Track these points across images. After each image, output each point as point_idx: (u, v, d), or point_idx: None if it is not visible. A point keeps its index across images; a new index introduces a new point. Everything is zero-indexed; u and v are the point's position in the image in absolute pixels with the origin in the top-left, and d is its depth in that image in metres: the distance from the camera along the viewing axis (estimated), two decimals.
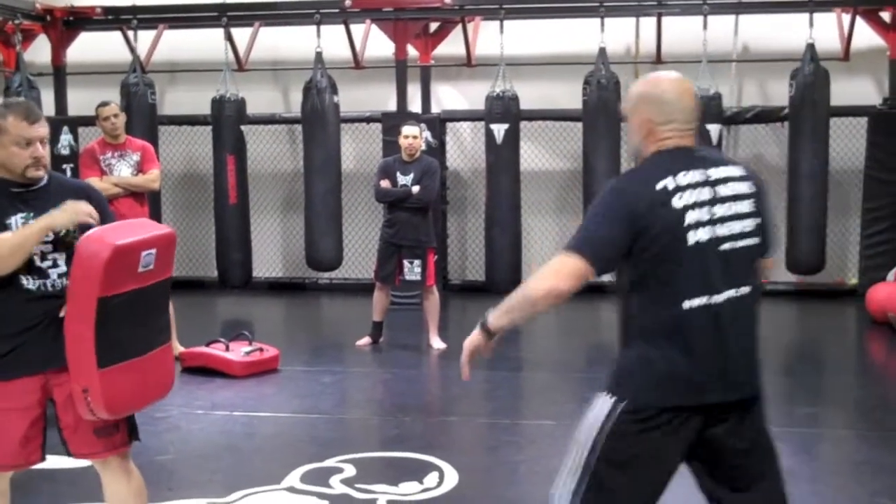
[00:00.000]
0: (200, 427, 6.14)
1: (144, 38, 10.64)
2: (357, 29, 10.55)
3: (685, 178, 2.98)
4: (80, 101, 10.65)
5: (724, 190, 3.02)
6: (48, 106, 10.58)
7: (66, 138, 10.33)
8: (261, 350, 7.46)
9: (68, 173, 9.17)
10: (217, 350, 7.37)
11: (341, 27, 10.37)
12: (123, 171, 7.36)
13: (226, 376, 7.20)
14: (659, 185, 2.96)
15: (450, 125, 10.97)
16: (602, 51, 9.61)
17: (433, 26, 10.77)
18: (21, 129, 3.47)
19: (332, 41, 10.22)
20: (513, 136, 9.94)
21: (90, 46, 11.09)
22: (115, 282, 3.31)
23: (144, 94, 10.19)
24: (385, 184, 7.97)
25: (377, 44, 10.47)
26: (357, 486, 4.95)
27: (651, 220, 2.93)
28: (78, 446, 3.57)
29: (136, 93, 10.13)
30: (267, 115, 11.02)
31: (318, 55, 10.00)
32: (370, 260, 8.87)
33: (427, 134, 9.53)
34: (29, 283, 3.46)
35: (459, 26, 10.53)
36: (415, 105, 10.65)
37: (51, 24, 10.85)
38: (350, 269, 10.89)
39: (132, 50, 10.47)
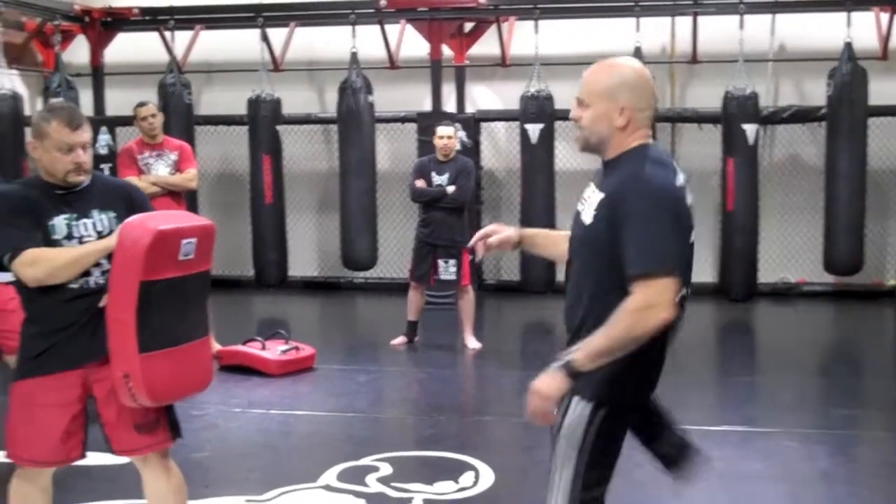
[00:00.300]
0: (237, 425, 6.18)
1: (181, 38, 10.73)
2: (392, 29, 10.57)
3: (679, 176, 2.94)
4: (118, 101, 10.76)
5: (688, 193, 3.00)
6: (86, 106, 10.69)
7: (104, 138, 10.42)
8: (297, 349, 7.49)
9: (106, 173, 9.25)
10: (254, 349, 7.42)
11: (376, 27, 10.40)
12: (161, 170, 7.42)
13: (262, 375, 7.24)
14: (678, 182, 2.91)
15: (484, 125, 10.97)
16: (637, 50, 9.57)
17: (468, 26, 10.78)
18: (63, 135, 3.50)
19: (367, 41, 10.25)
20: (547, 136, 9.93)
21: (128, 47, 11.20)
22: (157, 267, 3.35)
23: (181, 94, 10.27)
24: (420, 183, 7.99)
25: (412, 44, 10.49)
26: (393, 484, 4.96)
27: (688, 220, 2.93)
28: (120, 443, 3.60)
29: (173, 93, 10.21)
30: (302, 115, 11.06)
31: (354, 55, 10.04)
32: (405, 259, 8.88)
33: (462, 134, 9.53)
34: (72, 282, 3.49)
35: (494, 26, 10.53)
36: (450, 105, 10.66)
37: (89, 25, 10.96)
38: (385, 268, 10.91)
39: (169, 50, 10.55)
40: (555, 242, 3.35)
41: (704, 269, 10.63)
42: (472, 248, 3.23)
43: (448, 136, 7.98)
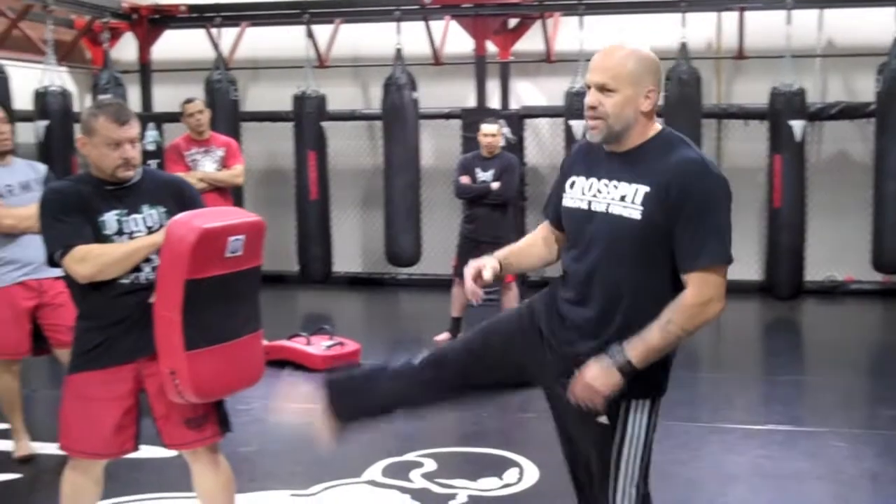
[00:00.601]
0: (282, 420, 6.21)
1: (228, 35, 10.81)
2: (436, 25, 10.59)
3: None
4: (166, 97, 10.87)
5: None
6: (134, 103, 10.82)
7: (151, 134, 10.53)
8: (341, 344, 7.53)
9: (155, 168, 9.34)
10: (298, 344, 7.47)
11: (421, 23, 10.42)
12: (208, 166, 7.47)
13: (307, 369, 7.29)
14: None
15: (528, 121, 10.95)
16: (683, 46, 9.52)
17: (512, 22, 10.77)
18: (110, 131, 3.53)
19: (411, 37, 10.27)
20: None
21: (175, 44, 11.31)
22: (203, 265, 3.37)
23: (227, 90, 10.35)
24: (465, 180, 8.00)
25: (456, 40, 10.50)
26: (437, 480, 4.98)
27: None
28: (171, 437, 3.64)
29: (220, 89, 10.29)
30: (347, 112, 11.10)
31: (398, 51, 10.06)
32: (449, 256, 8.88)
33: (506, 130, 9.53)
34: (122, 277, 3.53)
35: (539, 22, 10.51)
36: (494, 101, 10.66)
37: (137, 23, 11.08)
38: (428, 264, 10.93)
39: (216, 47, 10.64)
40: (525, 254, 3.27)
41: (750, 267, 10.56)
42: (472, 292, 3.10)
43: (493, 135, 7.97)
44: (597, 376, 2.80)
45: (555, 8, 10.50)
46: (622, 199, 2.80)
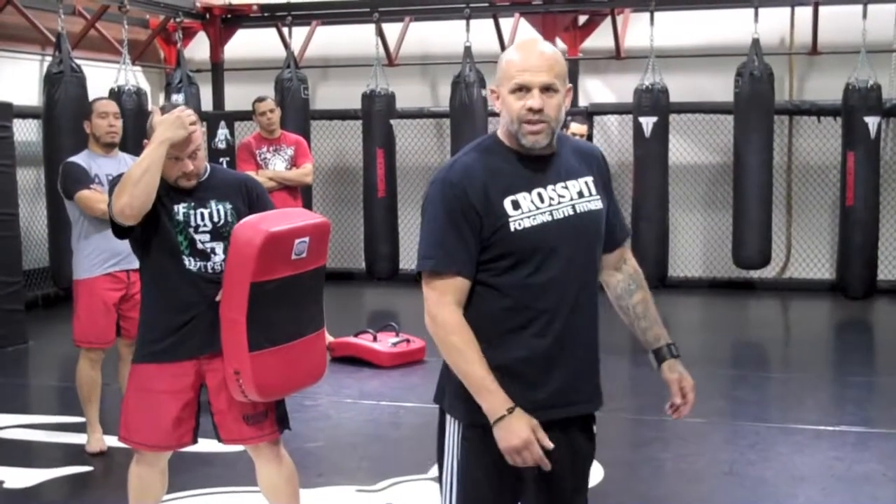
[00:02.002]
0: (349, 416, 6.27)
1: (298, 34, 10.91)
2: (506, 23, 10.58)
3: None
4: (237, 96, 11.01)
5: None
6: (206, 101, 10.96)
7: (222, 133, 10.65)
8: (407, 341, 7.56)
9: (224, 167, 9.47)
10: (365, 340, 7.52)
11: (490, 21, 10.42)
12: (278, 165, 7.55)
13: (373, 366, 7.33)
14: None
15: (597, 118, 10.90)
16: (755, 42, 9.39)
17: (582, 19, 10.71)
18: (171, 147, 3.53)
19: (480, 35, 10.27)
20: (662, 130, 9.81)
21: (246, 43, 11.44)
22: (268, 268, 3.39)
23: (298, 89, 10.43)
24: None
25: (525, 37, 10.47)
26: None
27: None
28: (228, 432, 3.67)
29: (290, 88, 10.38)
30: (415, 110, 11.14)
31: (467, 49, 10.07)
32: None
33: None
34: (191, 263, 3.57)
35: (608, 19, 10.45)
36: None
37: (210, 22, 11.24)
38: None
39: (286, 46, 10.73)
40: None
41: (821, 266, 10.41)
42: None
43: (580, 135, 7.90)
44: (689, 378, 2.88)
45: (625, 4, 10.43)
46: (580, 195, 2.69)
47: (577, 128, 7.93)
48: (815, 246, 10.56)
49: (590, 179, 2.73)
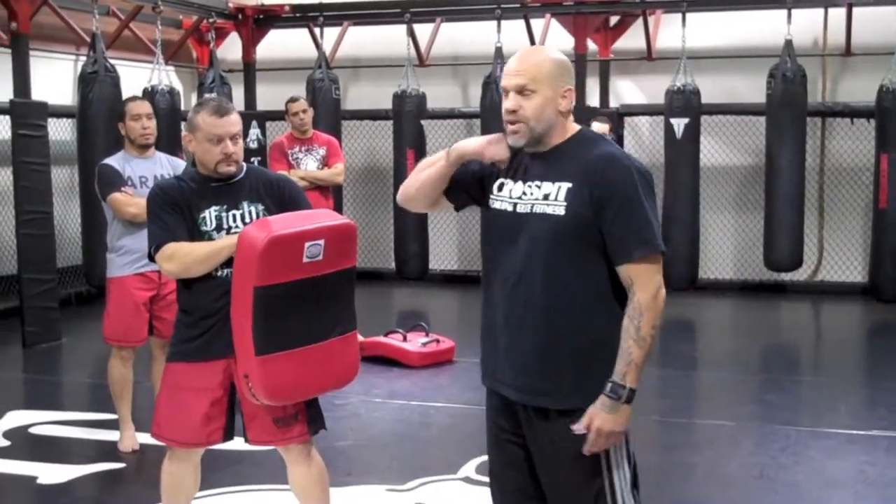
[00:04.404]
0: (379, 415, 6.29)
1: (330, 34, 10.94)
2: (537, 23, 10.57)
3: None
4: (269, 96, 11.07)
5: None
6: (238, 101, 11.01)
7: (254, 133, 10.72)
8: (437, 341, 7.58)
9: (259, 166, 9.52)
10: (395, 340, 7.54)
11: (521, 22, 10.42)
12: (310, 164, 7.59)
13: (403, 366, 7.35)
14: None
15: (628, 119, 10.88)
16: (788, 43, 9.34)
17: (613, 20, 10.69)
18: (211, 126, 3.61)
19: (511, 36, 10.27)
20: (693, 131, 9.78)
21: (278, 43, 11.49)
22: (276, 271, 3.33)
23: (329, 89, 10.47)
24: None
25: (556, 38, 10.46)
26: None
27: None
28: (255, 433, 3.68)
29: (322, 88, 10.42)
30: (446, 110, 11.16)
31: (498, 50, 10.07)
32: None
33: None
34: (218, 270, 3.59)
35: (640, 19, 10.42)
36: (593, 99, 10.60)
37: (242, 23, 11.29)
38: None
39: (318, 46, 10.78)
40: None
41: (854, 269, 10.34)
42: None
43: (602, 133, 7.93)
44: (607, 421, 2.74)
45: (657, 5, 10.40)
46: (545, 197, 2.78)
47: (598, 127, 7.96)
48: (847, 249, 10.49)
49: (568, 185, 2.76)
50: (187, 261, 3.55)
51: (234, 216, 3.65)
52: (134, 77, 9.60)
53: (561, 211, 2.74)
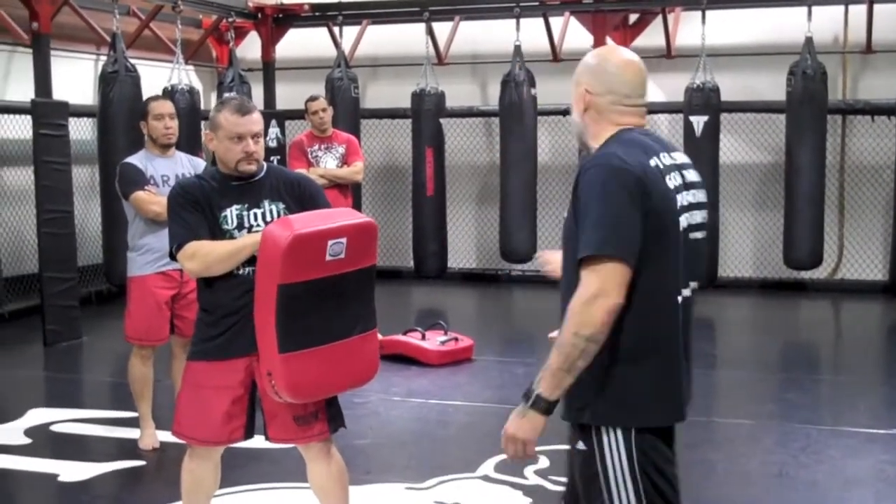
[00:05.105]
0: (398, 413, 6.30)
1: (349, 33, 10.97)
2: (556, 21, 10.56)
3: (664, 158, 2.65)
4: (288, 95, 11.10)
5: (689, 175, 2.71)
6: (257, 100, 11.04)
7: (273, 131, 10.75)
8: (456, 340, 7.58)
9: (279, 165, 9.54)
10: (413, 339, 7.55)
11: (540, 20, 10.41)
12: (329, 163, 7.61)
13: (421, 364, 7.36)
14: (652, 163, 2.59)
15: (648, 117, 10.81)
16: (808, 40, 9.31)
17: (632, 18, 10.67)
18: (232, 124, 3.63)
19: (530, 34, 10.26)
20: (712, 129, 9.75)
21: (297, 42, 11.52)
22: (297, 270, 3.34)
23: (348, 88, 10.49)
24: None
25: (575, 36, 10.45)
26: (551, 477, 4.96)
27: (656, 200, 2.53)
28: (276, 431, 3.69)
29: (341, 87, 10.44)
30: (465, 108, 11.16)
31: (517, 48, 10.06)
32: None
33: None
34: (239, 269, 3.60)
35: (659, 17, 10.39)
36: None
37: (261, 22, 11.33)
38: None
39: (337, 45, 10.80)
40: None
41: (874, 267, 10.28)
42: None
43: None
44: (514, 425, 2.63)
45: (677, 2, 10.37)
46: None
47: None
48: (867, 247, 10.44)
49: (571, 197, 2.67)
50: (209, 259, 3.57)
51: (255, 215, 3.67)
52: (154, 76, 9.64)
53: (570, 222, 2.65)
